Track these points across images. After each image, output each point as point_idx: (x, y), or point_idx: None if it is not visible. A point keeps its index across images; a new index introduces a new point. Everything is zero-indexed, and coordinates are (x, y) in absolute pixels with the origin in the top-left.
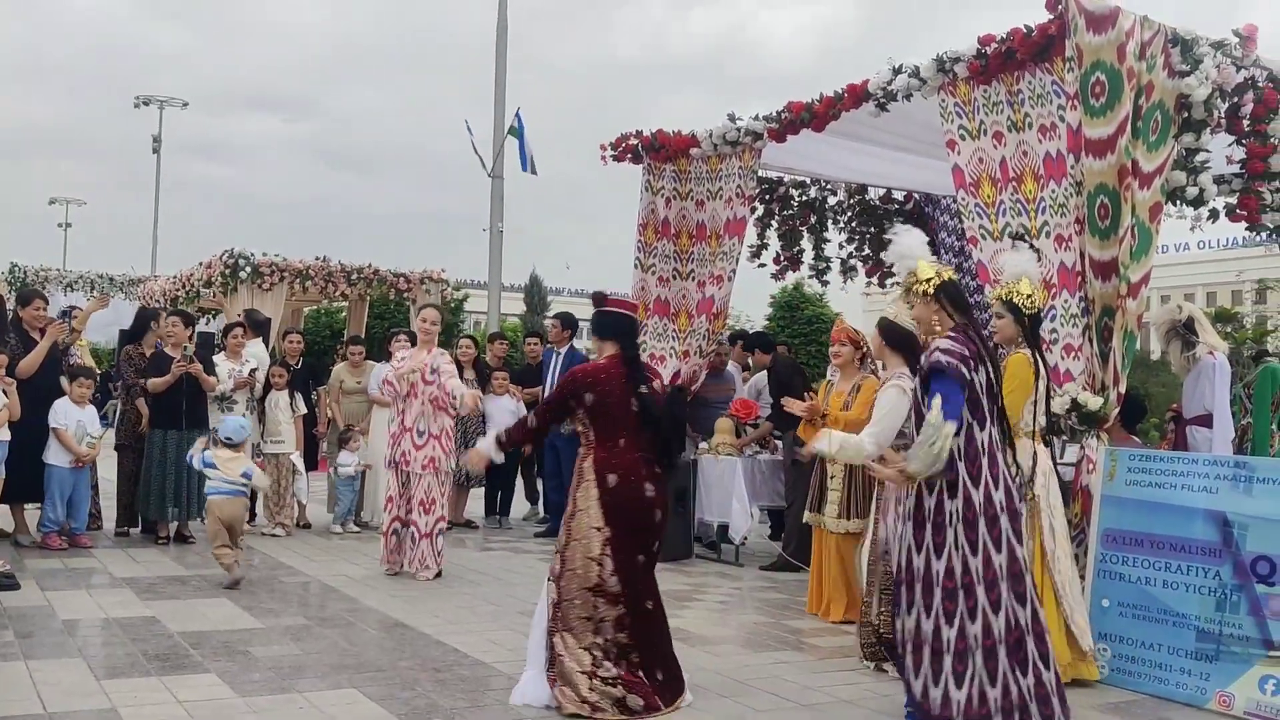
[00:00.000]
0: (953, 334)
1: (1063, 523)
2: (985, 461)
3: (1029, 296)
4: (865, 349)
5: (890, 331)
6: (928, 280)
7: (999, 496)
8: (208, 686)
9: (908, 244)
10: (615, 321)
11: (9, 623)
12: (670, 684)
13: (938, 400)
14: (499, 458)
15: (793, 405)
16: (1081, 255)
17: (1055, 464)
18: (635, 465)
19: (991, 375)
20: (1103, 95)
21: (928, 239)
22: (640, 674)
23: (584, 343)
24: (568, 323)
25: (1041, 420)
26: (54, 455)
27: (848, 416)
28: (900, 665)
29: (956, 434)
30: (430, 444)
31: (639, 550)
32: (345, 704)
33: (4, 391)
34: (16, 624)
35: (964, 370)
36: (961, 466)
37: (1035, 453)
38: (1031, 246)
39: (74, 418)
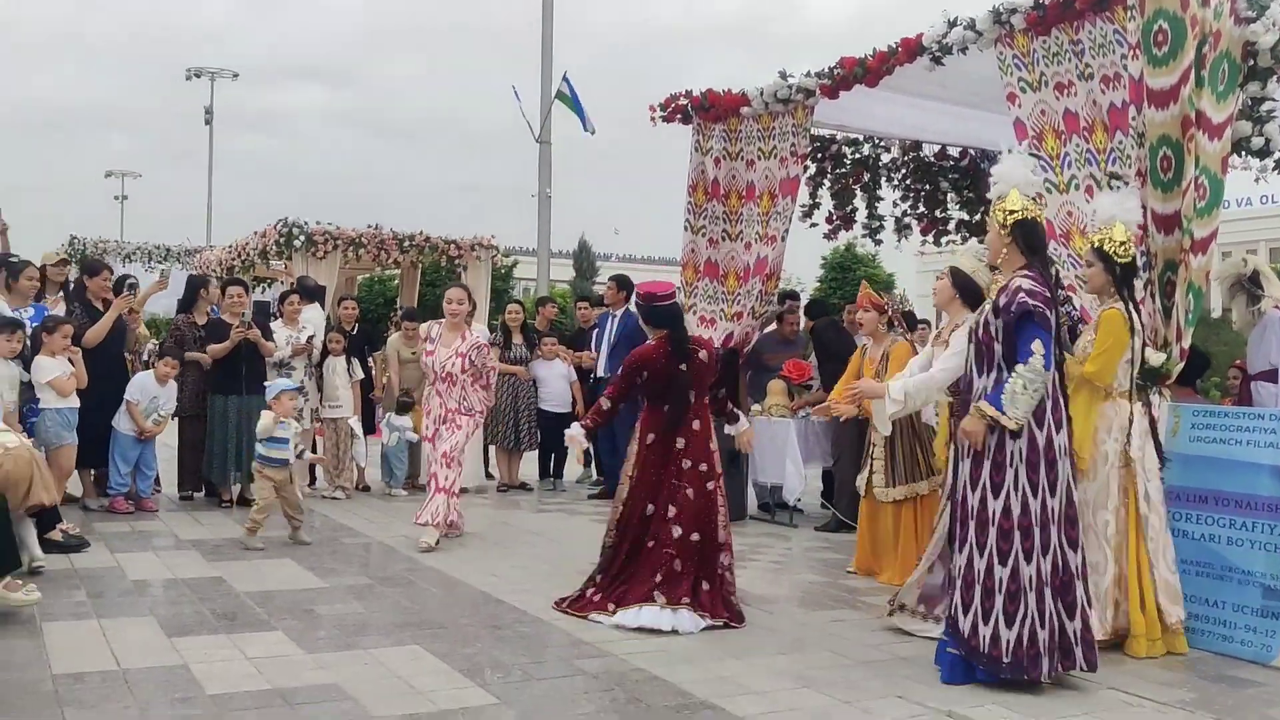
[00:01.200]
0: (1030, 274)
1: (1158, 487)
2: (1049, 404)
3: (1122, 244)
4: (889, 313)
5: (963, 282)
6: (1009, 212)
7: (1060, 439)
8: (275, 643)
9: (1009, 169)
10: (665, 311)
11: (81, 583)
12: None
13: (1039, 347)
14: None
15: (838, 408)
16: (1143, 208)
17: (1153, 425)
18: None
19: (1056, 319)
20: (1165, 44)
21: (1035, 170)
22: (602, 595)
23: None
24: (623, 284)
25: (1136, 376)
26: (122, 422)
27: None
28: (948, 602)
29: None
30: (466, 421)
31: (668, 494)
32: (409, 659)
33: (70, 360)
34: (88, 584)
35: (1049, 315)
36: None
37: (1132, 413)
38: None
39: (150, 394)
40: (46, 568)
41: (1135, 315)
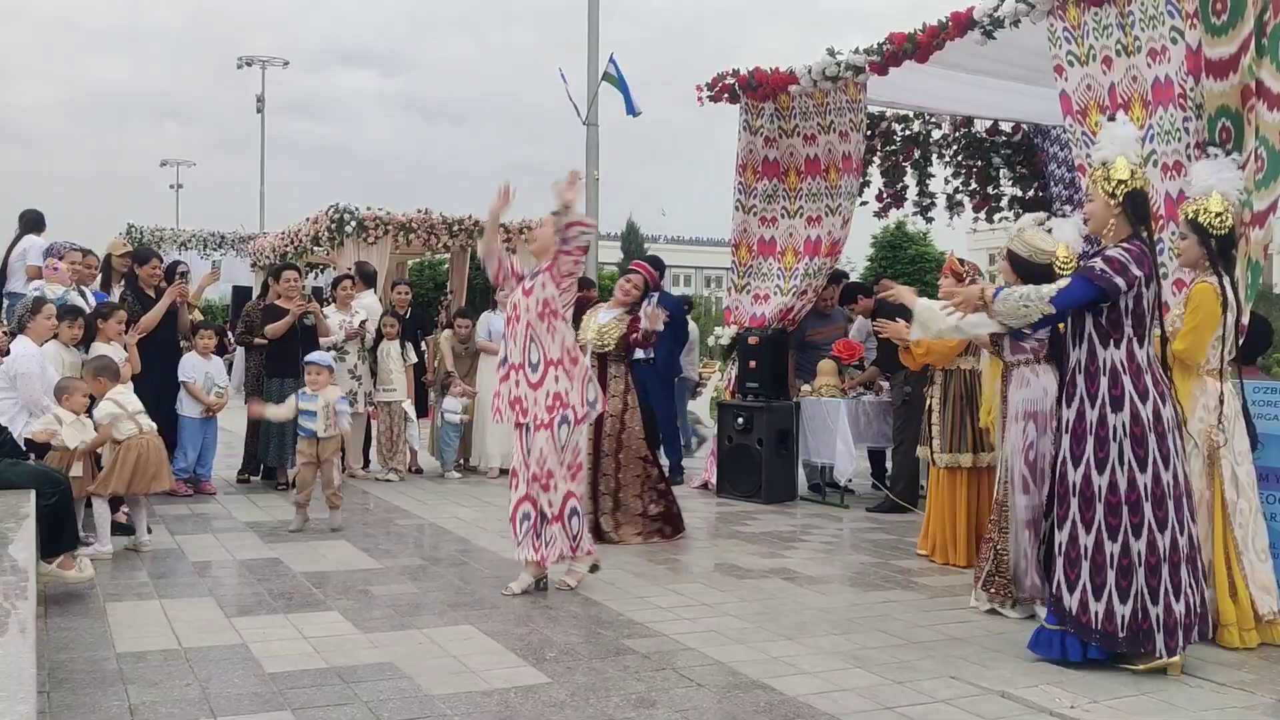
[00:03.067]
0: (1129, 245)
1: (1249, 471)
2: (1149, 378)
3: (1218, 215)
4: (969, 281)
5: (1023, 267)
6: (1119, 182)
7: (1167, 412)
8: (331, 623)
9: (1122, 134)
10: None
11: (143, 564)
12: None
13: (1065, 282)
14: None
15: (886, 327)
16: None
17: (1246, 406)
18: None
19: (1159, 293)
20: (1224, 13)
21: (1139, 137)
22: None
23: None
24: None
25: (1227, 355)
26: (185, 407)
27: (931, 344)
28: (1048, 579)
29: (1117, 346)
30: (550, 376)
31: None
32: (462, 639)
33: (124, 346)
34: (150, 565)
35: (1118, 282)
36: (1127, 380)
37: (1223, 393)
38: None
39: (201, 370)
40: (112, 551)
41: (1230, 290)
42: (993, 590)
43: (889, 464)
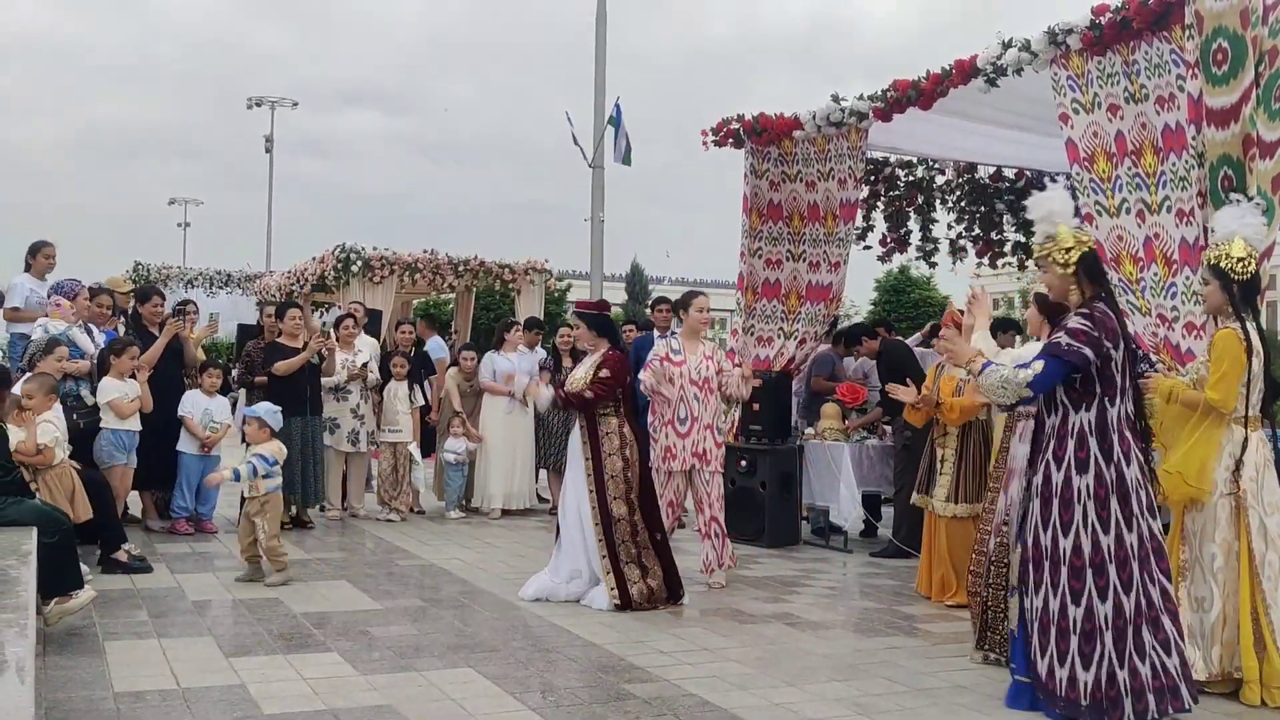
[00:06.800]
0: (1085, 312)
1: (1278, 522)
2: (1116, 438)
3: (1240, 260)
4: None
5: (1046, 305)
6: (1067, 250)
7: (1131, 473)
8: (330, 664)
9: (1054, 205)
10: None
11: (143, 603)
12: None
13: (1039, 365)
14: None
15: (897, 391)
16: (1205, 229)
17: (1278, 456)
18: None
19: (1127, 350)
20: (1225, 63)
21: (1072, 200)
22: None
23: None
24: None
25: (1256, 402)
26: (185, 443)
27: (961, 403)
28: (1023, 641)
29: (1088, 409)
30: (716, 454)
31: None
32: (462, 682)
33: (136, 378)
34: (149, 604)
35: (1087, 353)
36: (1093, 441)
37: (1246, 439)
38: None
39: (201, 407)
40: (100, 593)
41: (1254, 335)
42: (987, 647)
43: (885, 507)
